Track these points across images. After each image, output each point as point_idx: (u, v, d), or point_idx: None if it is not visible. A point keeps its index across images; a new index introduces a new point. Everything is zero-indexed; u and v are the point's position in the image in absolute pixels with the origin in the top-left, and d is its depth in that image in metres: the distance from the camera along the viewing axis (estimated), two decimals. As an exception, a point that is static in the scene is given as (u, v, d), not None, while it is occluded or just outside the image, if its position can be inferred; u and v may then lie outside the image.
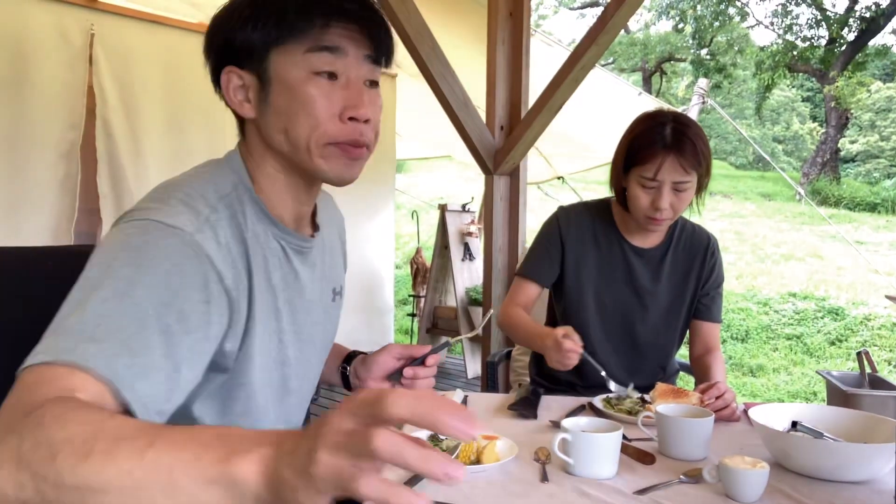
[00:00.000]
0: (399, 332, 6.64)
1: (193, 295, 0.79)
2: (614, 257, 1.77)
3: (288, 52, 0.89)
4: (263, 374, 0.95)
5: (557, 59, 3.19)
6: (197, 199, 0.87)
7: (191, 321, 0.78)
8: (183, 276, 0.79)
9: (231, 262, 0.87)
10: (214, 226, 0.86)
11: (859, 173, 22.35)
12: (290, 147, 0.93)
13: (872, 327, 6.58)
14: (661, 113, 1.63)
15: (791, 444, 1.14)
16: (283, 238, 0.98)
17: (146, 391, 0.71)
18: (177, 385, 0.76)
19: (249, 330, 0.91)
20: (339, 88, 0.91)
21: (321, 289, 1.09)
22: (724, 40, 19.77)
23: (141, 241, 0.79)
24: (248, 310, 0.90)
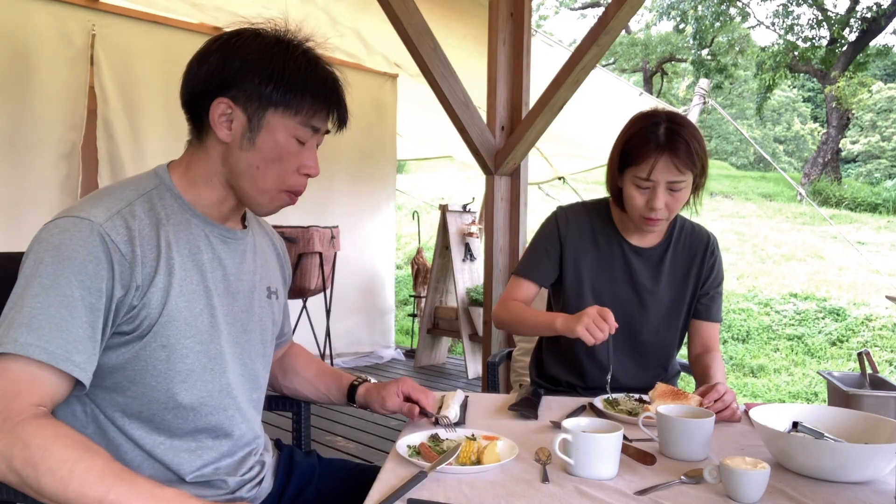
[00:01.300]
0: (400, 333, 6.65)
1: (105, 273, 0.99)
2: (614, 257, 1.76)
3: (287, 116, 1.10)
4: (192, 342, 1.09)
5: (558, 60, 3.19)
6: (114, 197, 1.06)
7: (105, 294, 0.99)
8: (97, 263, 0.99)
9: (141, 243, 1.04)
10: (126, 215, 1.04)
11: (860, 174, 22.34)
12: (249, 180, 1.12)
13: (873, 328, 6.58)
14: (655, 113, 1.63)
15: (792, 444, 1.14)
16: (205, 227, 1.15)
17: (80, 359, 0.97)
18: (102, 344, 1.01)
19: (169, 296, 1.06)
20: (303, 150, 1.14)
21: (251, 281, 1.23)
22: (725, 41, 19.76)
23: (59, 240, 0.99)
24: (168, 280, 1.06)
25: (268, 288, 1.28)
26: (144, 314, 1.03)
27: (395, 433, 3.55)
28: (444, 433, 1.26)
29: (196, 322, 1.09)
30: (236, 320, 1.18)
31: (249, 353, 1.21)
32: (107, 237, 1.00)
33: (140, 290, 1.02)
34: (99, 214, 1.01)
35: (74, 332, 0.95)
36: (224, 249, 1.17)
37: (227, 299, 1.16)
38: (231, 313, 1.17)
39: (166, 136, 3.98)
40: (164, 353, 1.06)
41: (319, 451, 1.44)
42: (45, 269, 0.96)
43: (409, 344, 6.15)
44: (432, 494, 1.02)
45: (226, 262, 1.17)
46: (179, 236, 1.10)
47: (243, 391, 1.20)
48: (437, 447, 1.18)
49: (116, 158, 3.83)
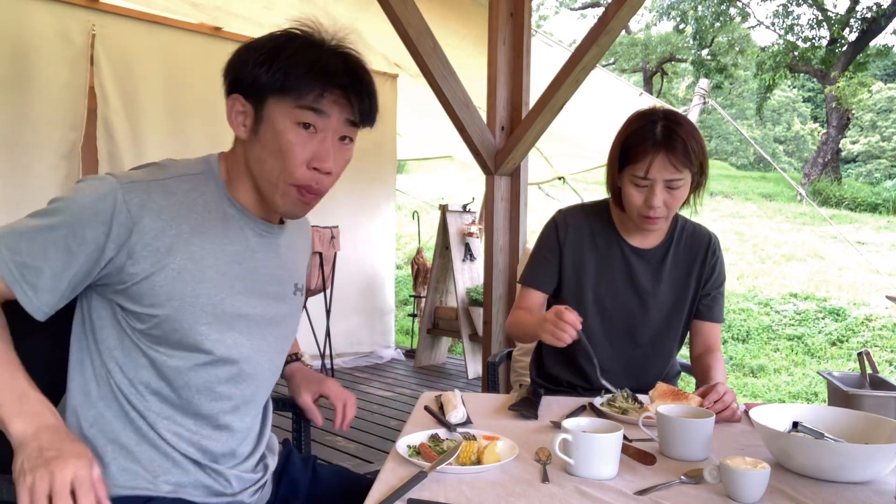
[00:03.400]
0: (400, 333, 6.65)
1: (99, 227, 1.01)
2: (613, 258, 1.76)
3: (283, 102, 1.07)
4: (208, 329, 1.10)
5: (558, 60, 3.19)
6: (158, 168, 1.10)
7: (90, 244, 1.02)
8: (95, 213, 1.01)
9: (161, 215, 1.05)
10: (156, 187, 1.06)
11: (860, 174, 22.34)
12: (260, 175, 1.11)
13: (873, 328, 6.58)
14: (652, 111, 1.63)
15: (792, 444, 1.14)
16: (241, 219, 1.15)
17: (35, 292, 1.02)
18: (69, 286, 1.04)
19: (185, 282, 1.06)
20: (314, 140, 1.09)
21: (281, 276, 1.22)
22: (725, 41, 19.76)
23: (81, 184, 1.04)
24: (186, 264, 1.07)
25: (295, 284, 1.28)
26: (152, 285, 1.05)
27: (395, 433, 3.55)
28: (445, 433, 1.26)
29: (216, 311, 1.10)
30: (262, 315, 1.18)
31: (268, 348, 1.21)
32: (119, 195, 1.02)
33: (138, 261, 1.03)
34: (129, 176, 1.05)
35: (33, 253, 1.00)
36: (259, 243, 1.17)
37: (254, 292, 1.16)
38: (253, 306, 1.16)
39: (166, 136, 3.99)
40: (176, 336, 1.07)
41: (319, 451, 1.45)
42: (59, 201, 1.03)
43: (409, 344, 6.15)
44: (432, 494, 1.02)
45: (258, 255, 1.17)
46: (214, 225, 1.11)
47: (255, 384, 1.20)
48: (437, 447, 1.18)
49: (116, 158, 3.83)
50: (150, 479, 1.09)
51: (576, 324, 1.48)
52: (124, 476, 1.08)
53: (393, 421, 3.97)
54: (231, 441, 1.17)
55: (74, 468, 0.89)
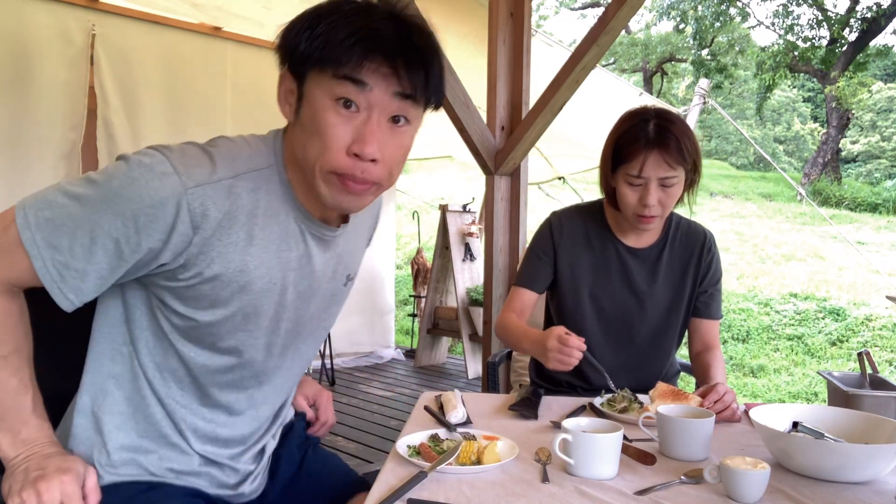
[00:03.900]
0: (400, 333, 6.64)
1: (158, 235, 0.92)
2: (609, 259, 1.76)
3: (322, 74, 0.93)
4: (245, 335, 1.05)
5: (558, 60, 3.19)
6: (226, 161, 0.97)
7: (143, 252, 0.93)
8: (154, 221, 0.91)
9: (220, 225, 0.95)
10: (221, 189, 0.95)
11: (860, 174, 22.34)
12: (304, 163, 0.99)
13: (873, 328, 6.58)
14: (644, 110, 1.63)
15: (792, 444, 1.14)
16: (303, 222, 1.05)
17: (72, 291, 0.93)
18: (111, 283, 0.96)
19: (233, 292, 1.00)
20: (356, 121, 0.94)
21: (334, 274, 1.15)
22: (724, 41, 19.76)
23: (139, 174, 0.90)
24: (239, 275, 0.99)
25: (347, 276, 1.21)
26: (198, 293, 0.99)
27: (395, 433, 3.55)
28: (445, 433, 1.26)
29: (258, 319, 1.05)
30: (306, 316, 1.13)
31: (304, 346, 1.18)
32: (184, 202, 0.92)
33: (188, 268, 0.96)
34: (196, 176, 0.93)
35: (76, 254, 0.92)
36: (317, 246, 1.09)
37: (302, 298, 1.10)
38: (300, 310, 1.11)
39: (166, 135, 3.98)
40: (211, 340, 1.04)
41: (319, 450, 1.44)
42: (106, 185, 0.91)
43: (409, 344, 6.14)
44: (432, 494, 1.02)
45: (315, 261, 1.09)
46: (272, 231, 1.02)
47: (283, 378, 1.18)
48: (437, 447, 1.18)
49: (116, 158, 3.83)
50: (156, 465, 1.08)
51: (581, 347, 1.47)
52: (127, 464, 1.07)
53: (393, 421, 3.96)
54: (244, 427, 1.16)
55: (61, 485, 0.92)
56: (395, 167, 1.00)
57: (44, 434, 0.99)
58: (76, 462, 0.98)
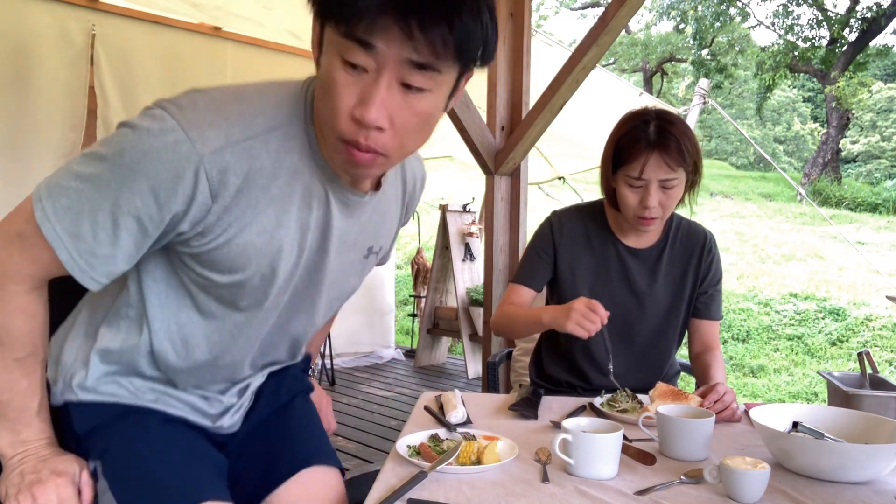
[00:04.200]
0: (400, 333, 6.64)
1: (176, 207, 0.88)
2: (609, 259, 1.76)
3: (333, 30, 0.84)
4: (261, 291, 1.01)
5: (558, 60, 3.19)
6: (245, 118, 0.90)
7: (163, 223, 0.89)
8: (172, 194, 0.86)
9: (239, 189, 0.90)
10: (241, 151, 0.89)
11: (860, 174, 22.34)
12: (321, 122, 0.92)
13: (873, 328, 6.58)
14: (645, 111, 1.63)
15: (792, 444, 1.14)
16: (328, 184, 0.99)
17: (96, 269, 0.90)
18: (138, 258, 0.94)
19: (249, 253, 0.95)
20: (363, 83, 0.84)
21: (354, 243, 1.10)
22: (724, 41, 19.76)
23: (150, 144, 0.85)
24: (259, 235, 0.95)
25: (369, 248, 1.15)
26: (213, 258, 0.95)
27: (395, 433, 3.55)
28: (445, 433, 1.26)
29: (274, 278, 1.01)
30: (315, 281, 1.08)
31: (314, 307, 1.13)
32: (202, 171, 0.86)
33: (212, 233, 0.93)
34: (211, 140, 0.86)
35: (101, 240, 0.89)
36: (340, 210, 1.03)
37: (316, 261, 1.05)
38: (313, 272, 1.06)
39: (166, 135, 3.97)
40: (230, 297, 1.01)
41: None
42: (118, 161, 0.86)
43: (409, 344, 6.14)
44: (432, 494, 1.01)
45: (335, 224, 1.03)
46: (293, 192, 0.96)
47: (291, 335, 1.16)
48: (437, 447, 1.18)
49: (116, 158, 3.83)
50: (140, 388, 1.07)
51: (604, 318, 1.49)
52: (108, 384, 1.06)
53: (393, 421, 3.96)
54: (236, 373, 1.15)
55: (56, 488, 0.94)
56: (408, 137, 0.89)
57: (43, 436, 1.00)
58: (71, 463, 0.99)
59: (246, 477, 1.17)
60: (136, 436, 1.04)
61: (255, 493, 1.16)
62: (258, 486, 1.16)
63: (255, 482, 1.16)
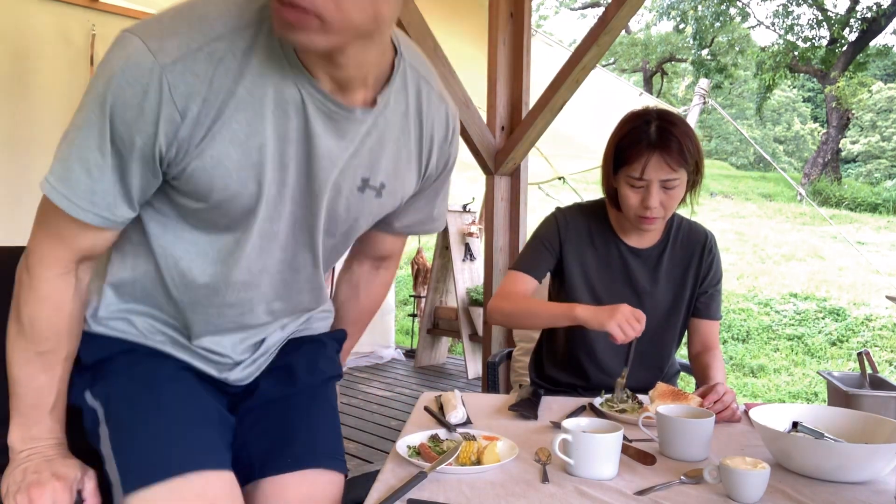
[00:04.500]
0: (400, 333, 6.64)
1: (147, 127, 0.86)
2: (611, 258, 1.76)
3: None
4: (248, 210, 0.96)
5: (558, 60, 3.19)
6: (204, 23, 0.86)
7: (139, 148, 0.87)
8: (140, 113, 0.85)
9: (207, 98, 0.86)
10: (203, 57, 0.85)
11: (860, 174, 22.35)
12: None
13: (873, 328, 6.58)
14: (646, 112, 1.63)
15: (792, 444, 1.14)
16: (304, 87, 0.91)
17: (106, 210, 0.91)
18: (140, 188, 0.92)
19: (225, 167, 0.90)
20: None
21: (346, 169, 1.01)
22: (724, 41, 19.77)
23: (113, 68, 0.84)
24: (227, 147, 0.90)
25: (364, 179, 1.04)
26: (189, 177, 0.91)
27: (395, 433, 3.55)
28: (445, 434, 1.26)
29: (258, 197, 0.95)
30: (309, 204, 1.01)
31: (304, 249, 1.07)
32: (164, 85, 0.84)
33: (185, 152, 0.89)
34: (171, 49, 0.83)
35: (102, 180, 0.89)
36: (323, 124, 0.94)
37: (304, 178, 0.98)
38: (306, 192, 0.99)
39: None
40: (224, 222, 0.97)
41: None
42: (92, 99, 0.86)
43: (409, 344, 6.14)
44: (432, 495, 1.01)
45: (319, 142, 0.95)
46: (265, 91, 0.89)
47: (284, 282, 1.09)
48: (437, 447, 1.18)
49: (116, 158, 3.83)
50: (147, 327, 1.07)
51: (640, 331, 1.50)
52: (118, 321, 1.07)
53: (393, 421, 3.96)
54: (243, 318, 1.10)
55: (52, 492, 0.94)
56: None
57: (53, 436, 1.00)
58: (73, 469, 0.99)
59: (252, 446, 1.13)
60: (141, 386, 1.03)
61: (254, 467, 1.12)
62: (260, 462, 1.12)
63: (259, 456, 1.12)
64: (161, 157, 0.89)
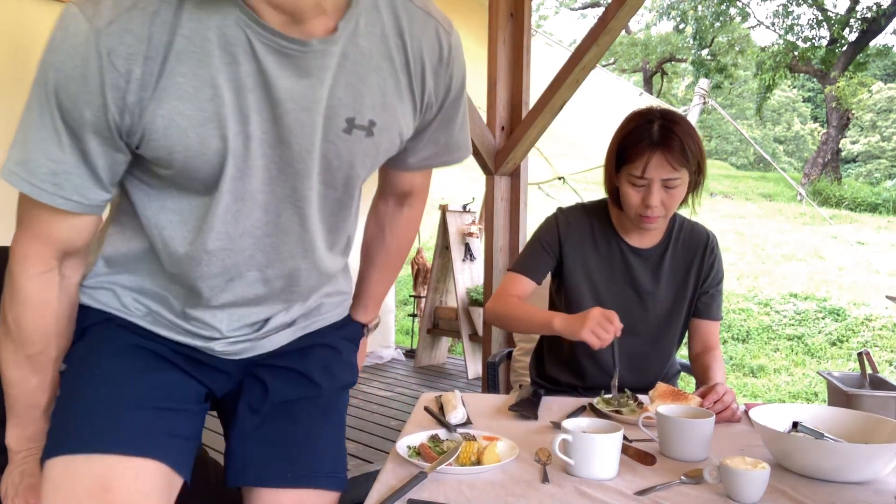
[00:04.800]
0: (400, 333, 6.64)
1: (93, 98, 0.82)
2: (613, 258, 1.76)
3: None
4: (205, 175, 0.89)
5: (558, 60, 3.19)
6: None
7: (89, 121, 0.83)
8: (84, 83, 0.81)
9: (148, 55, 0.81)
10: (138, 13, 0.80)
11: (860, 174, 22.35)
12: None
13: (873, 328, 6.58)
14: (649, 111, 1.63)
15: (792, 444, 1.14)
16: (247, 26, 0.83)
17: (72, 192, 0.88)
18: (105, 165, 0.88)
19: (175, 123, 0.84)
20: None
21: (322, 109, 0.90)
22: (724, 41, 19.77)
23: (54, 41, 0.82)
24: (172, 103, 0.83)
25: (349, 119, 0.93)
26: (147, 143, 0.86)
27: (395, 433, 3.55)
28: (445, 434, 1.26)
29: (223, 153, 0.87)
30: (286, 157, 0.92)
31: (298, 201, 0.96)
32: (103, 50, 0.80)
33: (138, 117, 0.84)
34: (104, 12, 0.80)
35: (62, 161, 0.85)
36: (278, 63, 0.85)
37: (272, 127, 0.89)
38: (277, 143, 0.90)
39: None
40: (197, 185, 0.91)
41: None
42: (37, 78, 0.84)
43: (409, 344, 6.14)
44: (432, 495, 1.02)
45: (277, 83, 0.86)
46: (206, 37, 0.82)
47: (273, 246, 0.99)
48: (437, 447, 1.18)
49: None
50: (126, 308, 1.03)
51: (618, 330, 1.50)
52: (104, 292, 1.03)
53: (393, 421, 3.96)
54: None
55: None
56: None
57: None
58: None
59: (252, 446, 1.10)
60: (93, 357, 1.00)
61: (249, 469, 1.09)
62: (257, 466, 1.09)
63: (257, 460, 1.09)
64: (117, 128, 0.85)
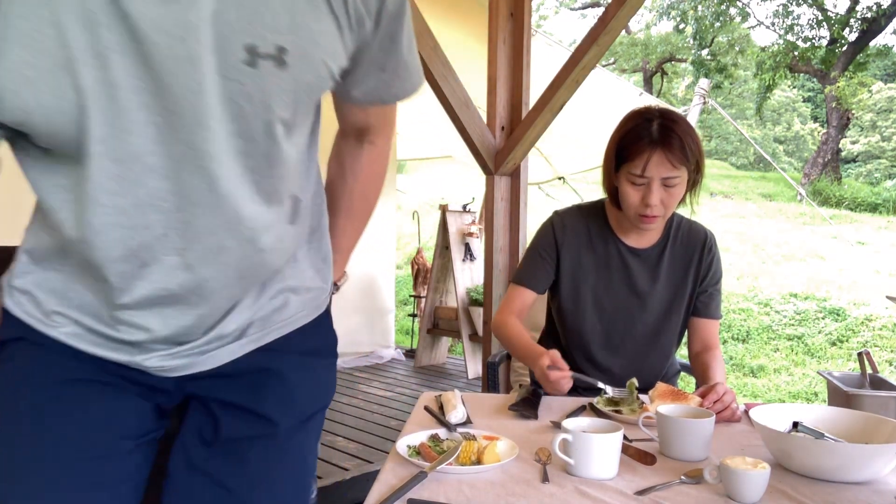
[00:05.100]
0: (400, 333, 6.65)
1: None
2: (611, 259, 1.76)
3: None
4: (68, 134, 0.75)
5: (558, 60, 3.19)
6: None
7: None
8: None
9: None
10: None
11: (860, 174, 22.36)
12: None
13: (873, 328, 6.58)
14: (648, 110, 1.63)
15: (792, 444, 1.14)
16: None
17: None
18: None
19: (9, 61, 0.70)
20: None
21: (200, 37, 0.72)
22: (724, 41, 19.77)
23: None
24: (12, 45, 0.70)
25: (248, 47, 0.75)
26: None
27: (395, 433, 3.55)
28: (445, 433, 1.26)
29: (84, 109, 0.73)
30: (168, 105, 0.75)
31: (198, 156, 0.78)
32: None
33: None
34: None
35: None
36: None
37: (138, 69, 0.73)
38: (155, 92, 0.74)
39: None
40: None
41: (319, 450, 1.42)
42: None
43: (409, 344, 6.15)
44: (432, 494, 1.02)
45: (131, 10, 0.70)
46: None
47: (184, 222, 0.81)
48: (437, 447, 1.18)
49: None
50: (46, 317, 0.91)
51: (565, 375, 1.51)
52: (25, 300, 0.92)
53: (393, 421, 3.96)
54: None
55: None
56: None
57: None
58: None
59: (198, 484, 0.96)
60: (17, 397, 0.90)
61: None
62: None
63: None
64: None
